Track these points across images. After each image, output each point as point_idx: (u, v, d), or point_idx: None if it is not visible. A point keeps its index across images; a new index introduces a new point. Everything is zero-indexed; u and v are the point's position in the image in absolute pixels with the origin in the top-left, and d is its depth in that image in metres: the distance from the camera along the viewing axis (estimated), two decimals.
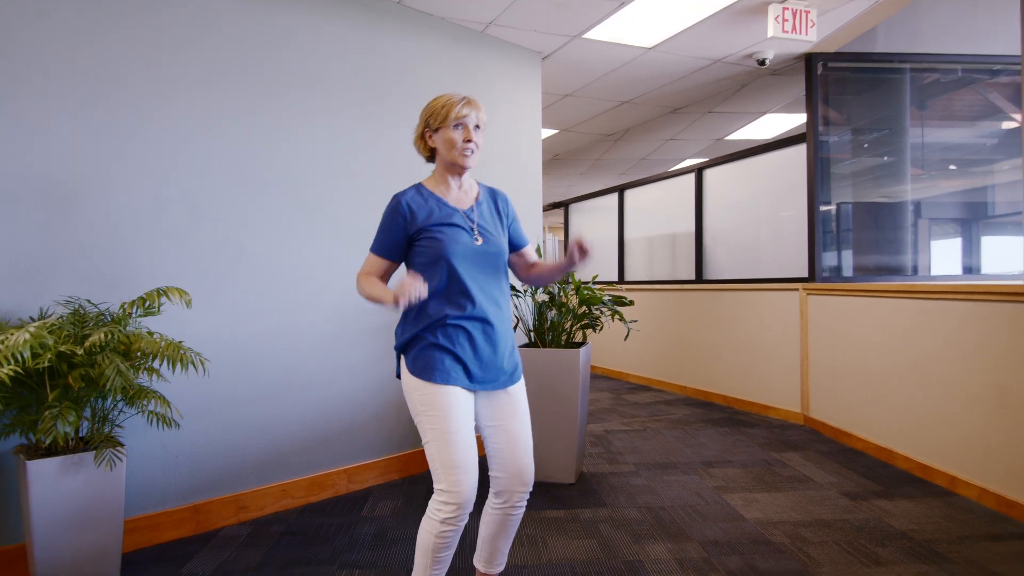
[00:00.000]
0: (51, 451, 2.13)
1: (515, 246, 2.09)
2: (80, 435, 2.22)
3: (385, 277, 1.95)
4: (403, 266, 1.98)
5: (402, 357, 1.92)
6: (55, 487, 2.08)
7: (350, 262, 3.33)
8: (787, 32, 3.71)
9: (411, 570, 1.98)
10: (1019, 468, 2.87)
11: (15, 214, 2.39)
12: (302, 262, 3.20)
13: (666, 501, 3.15)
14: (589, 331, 3.63)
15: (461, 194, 1.97)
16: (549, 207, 9.02)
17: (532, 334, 3.60)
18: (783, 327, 4.85)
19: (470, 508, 1.82)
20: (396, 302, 1.70)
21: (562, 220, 8.66)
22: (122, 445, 2.21)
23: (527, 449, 1.96)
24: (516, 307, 3.64)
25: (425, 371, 1.84)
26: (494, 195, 2.06)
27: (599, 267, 7.50)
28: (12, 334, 1.86)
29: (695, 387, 5.83)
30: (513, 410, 1.96)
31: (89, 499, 2.14)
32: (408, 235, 1.89)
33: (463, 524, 1.83)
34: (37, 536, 2.07)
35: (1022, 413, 2.85)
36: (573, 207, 8.40)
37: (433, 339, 1.85)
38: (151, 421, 2.37)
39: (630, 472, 3.62)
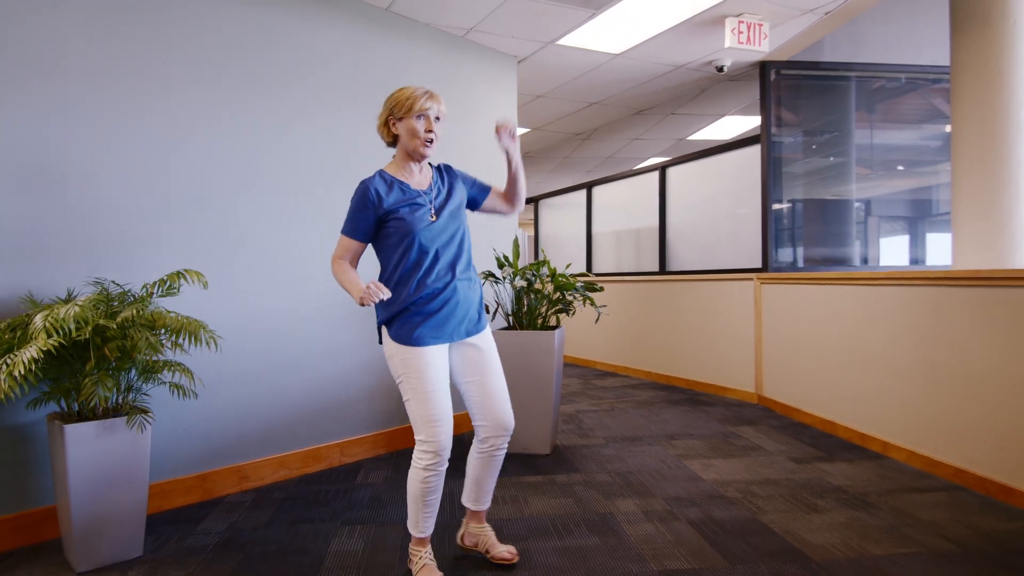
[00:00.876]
0: (83, 419, 2.35)
1: (484, 195, 2.35)
2: (108, 405, 2.44)
3: (355, 257, 2.19)
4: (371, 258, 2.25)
5: (383, 327, 2.20)
6: (90, 449, 2.30)
7: None
8: (742, 43, 4.08)
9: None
10: (942, 432, 3.28)
11: (39, 202, 2.60)
12: (297, 252, 3.44)
13: (633, 467, 3.48)
14: (563, 316, 3.95)
15: (421, 177, 2.24)
16: None
17: (511, 318, 3.90)
18: (739, 314, 5.24)
19: (448, 455, 2.14)
20: (361, 302, 1.98)
21: (532, 215, 8.96)
22: (149, 411, 2.44)
23: (503, 399, 2.26)
24: (496, 293, 3.93)
25: (404, 338, 2.13)
26: (442, 172, 2.32)
27: (569, 259, 7.84)
28: (60, 308, 2.09)
29: (659, 372, 6.20)
30: (485, 364, 2.25)
31: (120, 461, 2.37)
32: (377, 217, 2.14)
33: (444, 469, 2.15)
34: (74, 495, 2.29)
35: (946, 384, 3.26)
36: (543, 202, 8.72)
37: (409, 309, 2.13)
38: (172, 392, 2.60)
39: (600, 444, 3.95)
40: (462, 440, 3.99)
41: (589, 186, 7.63)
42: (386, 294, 1.98)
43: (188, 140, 3.05)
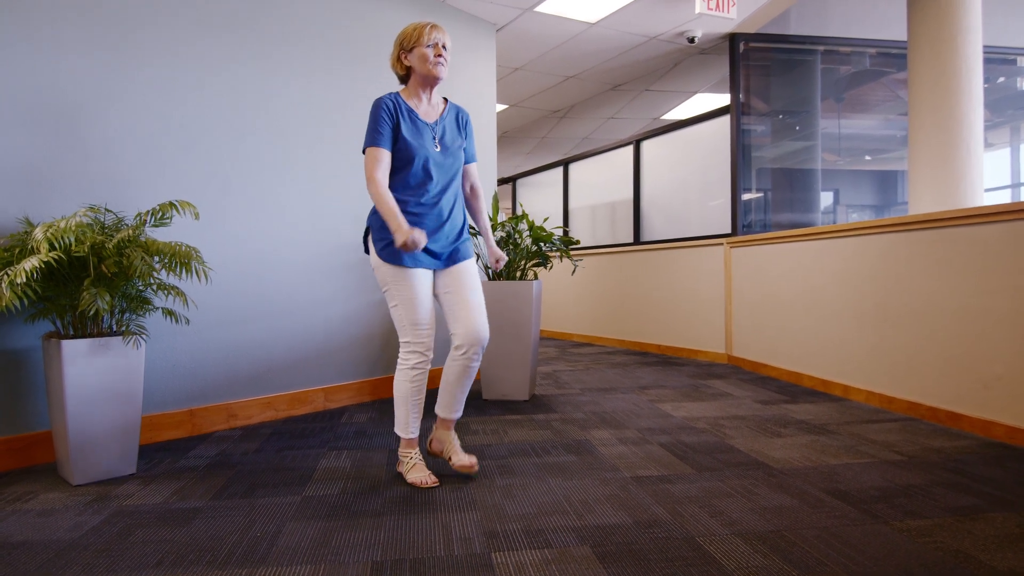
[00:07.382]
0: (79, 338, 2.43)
1: (465, 161, 2.52)
2: (103, 326, 2.52)
3: (387, 171, 2.26)
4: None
5: (369, 240, 2.34)
6: (86, 366, 2.38)
7: (328, 203, 3.70)
8: (711, 9, 4.25)
9: (394, 442, 2.39)
10: (896, 371, 3.48)
11: (42, 136, 2.67)
12: (285, 201, 3.54)
13: (607, 408, 3.64)
14: (542, 276, 4.08)
15: (430, 108, 2.38)
16: (498, 182, 9.44)
17: (490, 271, 4.03)
18: (710, 278, 5.43)
19: (431, 355, 2.32)
20: (402, 244, 2.07)
21: (509, 194, 9.08)
22: (145, 330, 2.53)
23: (480, 311, 2.38)
24: (476, 245, 4.06)
25: (392, 257, 2.26)
26: (458, 112, 2.48)
27: None
28: (60, 223, 2.17)
29: (633, 340, 6.38)
30: (464, 281, 2.39)
31: (115, 378, 2.45)
32: (392, 127, 2.26)
33: (427, 368, 2.33)
34: (70, 410, 2.36)
35: (898, 325, 3.46)
36: (520, 181, 8.86)
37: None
38: (166, 317, 2.69)
39: (576, 393, 4.11)
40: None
41: (566, 163, 7.78)
42: (424, 243, 2.11)
43: (186, 91, 3.13)
